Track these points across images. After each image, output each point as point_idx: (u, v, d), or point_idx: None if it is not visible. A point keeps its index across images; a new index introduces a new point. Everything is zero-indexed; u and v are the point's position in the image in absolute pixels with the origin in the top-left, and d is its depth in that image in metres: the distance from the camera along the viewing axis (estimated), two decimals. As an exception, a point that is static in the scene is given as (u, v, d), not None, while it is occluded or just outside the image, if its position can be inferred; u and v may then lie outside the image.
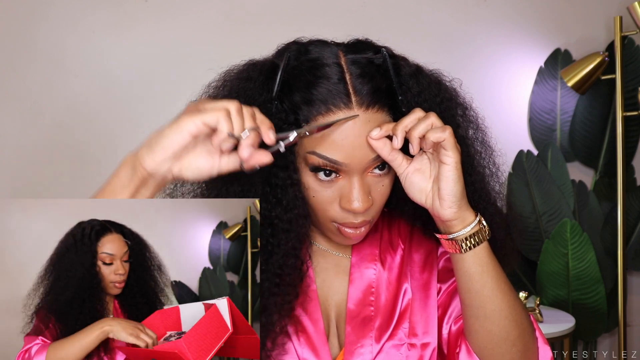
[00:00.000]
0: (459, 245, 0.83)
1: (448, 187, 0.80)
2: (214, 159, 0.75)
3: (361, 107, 0.81)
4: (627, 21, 2.42)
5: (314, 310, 0.93)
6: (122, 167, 0.74)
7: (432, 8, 2.64)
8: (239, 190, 0.85)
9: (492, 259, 0.85)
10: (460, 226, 0.82)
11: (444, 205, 0.81)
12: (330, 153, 0.82)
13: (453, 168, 0.80)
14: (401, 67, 0.86)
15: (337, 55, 0.84)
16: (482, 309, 0.85)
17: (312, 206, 0.86)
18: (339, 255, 0.98)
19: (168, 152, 0.72)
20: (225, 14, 2.54)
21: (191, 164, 0.74)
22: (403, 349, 0.92)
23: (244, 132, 0.73)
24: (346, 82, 0.82)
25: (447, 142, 0.79)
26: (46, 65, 2.46)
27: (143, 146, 0.73)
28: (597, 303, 2.51)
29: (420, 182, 0.84)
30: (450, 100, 0.89)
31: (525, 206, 2.57)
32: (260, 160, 0.74)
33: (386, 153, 0.82)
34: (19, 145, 2.44)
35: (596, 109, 2.59)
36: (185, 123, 0.71)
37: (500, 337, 0.85)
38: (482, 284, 0.84)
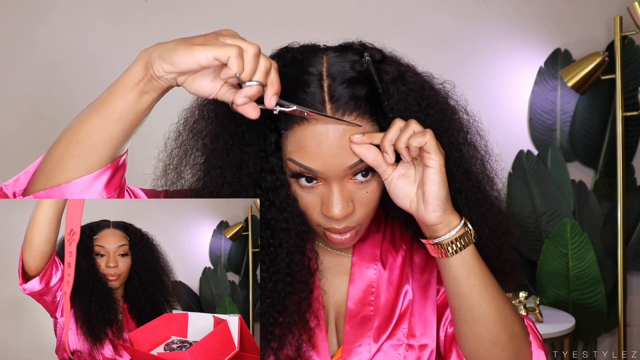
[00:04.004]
0: (444, 249, 0.83)
1: (432, 190, 0.80)
2: (216, 84, 0.76)
3: (335, 114, 0.80)
4: (627, 21, 2.42)
5: (317, 308, 0.93)
6: (136, 63, 0.76)
7: (432, 8, 2.64)
8: (230, 192, 0.86)
9: (479, 262, 0.85)
10: (445, 230, 0.82)
11: (428, 210, 0.81)
12: (306, 161, 0.82)
13: (437, 171, 0.80)
14: (384, 72, 0.84)
15: (320, 61, 0.83)
16: (470, 312, 0.85)
17: (301, 209, 0.87)
18: (341, 253, 0.98)
19: (176, 68, 0.73)
20: (225, 14, 2.54)
21: (194, 81, 0.76)
22: (401, 350, 0.93)
23: (250, 82, 0.73)
24: (323, 89, 0.81)
25: (429, 145, 0.79)
26: (46, 65, 2.47)
27: (157, 49, 0.75)
28: (597, 303, 2.51)
29: (404, 187, 0.84)
30: (438, 104, 0.87)
31: (525, 206, 2.58)
32: (248, 112, 0.75)
33: (371, 159, 0.81)
34: (18, 145, 2.44)
35: (596, 109, 2.59)
36: (198, 53, 0.72)
37: (490, 341, 0.85)
38: (469, 287, 0.84)
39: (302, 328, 0.89)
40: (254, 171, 0.85)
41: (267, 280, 0.87)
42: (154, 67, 0.74)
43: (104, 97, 0.78)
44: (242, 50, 0.72)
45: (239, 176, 0.86)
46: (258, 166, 0.85)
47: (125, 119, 0.77)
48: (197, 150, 0.90)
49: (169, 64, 0.73)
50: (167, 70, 0.74)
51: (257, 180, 0.85)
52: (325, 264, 0.96)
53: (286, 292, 0.87)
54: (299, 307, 0.88)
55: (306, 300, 0.89)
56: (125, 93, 0.76)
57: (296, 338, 0.89)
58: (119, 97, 0.77)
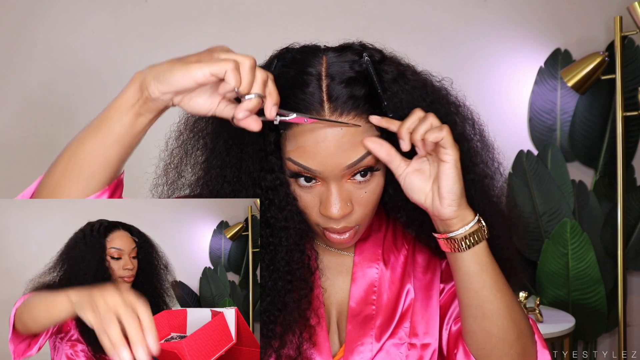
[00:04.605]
0: (457, 244, 0.83)
1: (448, 185, 0.81)
2: (214, 101, 0.76)
3: (334, 114, 0.81)
4: (627, 21, 2.42)
5: (318, 306, 0.93)
6: (131, 86, 0.76)
7: (432, 8, 2.64)
8: (230, 191, 0.86)
9: (491, 258, 0.85)
10: (459, 225, 0.83)
11: (443, 204, 0.81)
12: (304, 160, 0.82)
13: (452, 166, 0.80)
14: (383, 73, 0.85)
15: (320, 61, 0.83)
16: (480, 308, 0.85)
17: (300, 208, 0.87)
18: (342, 253, 0.98)
19: (172, 88, 0.73)
20: (225, 15, 2.54)
21: (192, 100, 0.76)
22: (403, 349, 0.93)
23: (249, 95, 0.73)
24: (321, 89, 0.81)
25: (446, 140, 0.79)
26: (46, 65, 2.47)
27: (152, 71, 0.75)
28: (597, 303, 2.51)
29: (419, 182, 0.84)
30: (441, 99, 0.88)
31: (525, 206, 2.57)
32: (249, 125, 0.75)
33: (384, 154, 0.82)
34: (18, 144, 2.44)
35: (596, 109, 2.59)
36: (195, 71, 0.72)
37: (499, 338, 0.86)
38: (481, 283, 0.84)
39: (302, 326, 0.90)
40: (253, 170, 0.86)
41: (267, 278, 0.87)
42: (149, 89, 0.74)
43: (100, 119, 0.78)
44: (237, 63, 0.72)
45: (238, 175, 0.86)
46: (257, 165, 0.85)
47: (122, 142, 0.77)
48: (198, 149, 0.90)
49: (164, 84, 0.73)
50: (163, 91, 0.74)
51: (256, 179, 0.86)
52: (326, 263, 0.97)
53: (286, 290, 0.87)
54: (299, 305, 0.88)
55: (306, 298, 0.89)
56: (121, 116, 0.76)
57: (297, 336, 0.89)
58: (114, 121, 0.76)
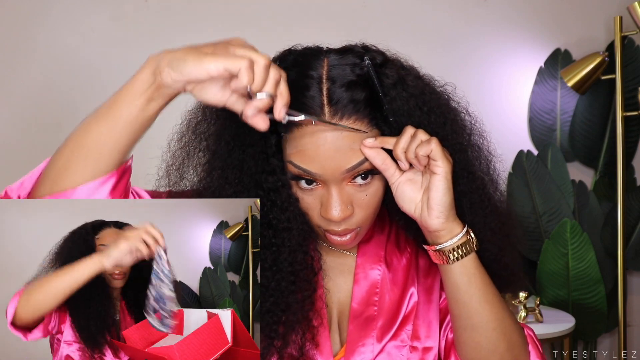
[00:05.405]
0: (446, 256, 0.83)
1: (437, 196, 0.81)
2: (225, 93, 0.77)
3: (334, 117, 0.81)
4: (627, 21, 2.42)
5: (320, 306, 0.93)
6: (144, 70, 0.76)
7: (432, 8, 2.64)
8: (231, 192, 0.86)
9: (480, 270, 0.85)
10: (447, 237, 0.83)
11: (431, 215, 0.82)
12: (304, 163, 0.82)
13: (443, 178, 0.80)
14: (384, 77, 0.84)
15: (321, 64, 0.83)
16: (469, 319, 0.85)
17: (302, 210, 0.87)
18: (345, 253, 0.98)
19: (184, 77, 0.73)
20: (225, 15, 2.54)
21: (203, 89, 0.76)
22: (404, 351, 0.93)
23: (260, 93, 0.74)
24: (322, 92, 0.81)
25: (435, 152, 0.79)
26: (46, 65, 2.46)
27: (167, 57, 0.75)
28: (597, 303, 2.51)
29: (411, 192, 0.84)
30: (440, 107, 0.87)
31: (525, 206, 2.58)
32: (257, 124, 0.76)
33: (379, 162, 0.82)
34: (18, 144, 2.44)
35: (596, 109, 2.59)
36: (208, 64, 0.72)
37: (488, 350, 0.86)
38: (469, 295, 0.84)
39: (305, 327, 0.90)
40: (255, 172, 0.85)
41: (270, 279, 0.87)
42: (162, 75, 0.74)
43: (110, 102, 0.78)
44: (252, 62, 0.72)
45: (240, 176, 0.86)
46: (259, 167, 0.85)
47: (132, 125, 0.77)
48: (200, 151, 0.90)
49: (177, 72, 0.73)
50: (176, 79, 0.74)
51: (258, 181, 0.86)
52: (328, 263, 0.97)
53: (289, 291, 0.87)
54: (303, 306, 0.88)
55: (309, 299, 0.89)
56: (133, 100, 0.76)
57: (299, 337, 0.89)
58: (126, 104, 0.77)
